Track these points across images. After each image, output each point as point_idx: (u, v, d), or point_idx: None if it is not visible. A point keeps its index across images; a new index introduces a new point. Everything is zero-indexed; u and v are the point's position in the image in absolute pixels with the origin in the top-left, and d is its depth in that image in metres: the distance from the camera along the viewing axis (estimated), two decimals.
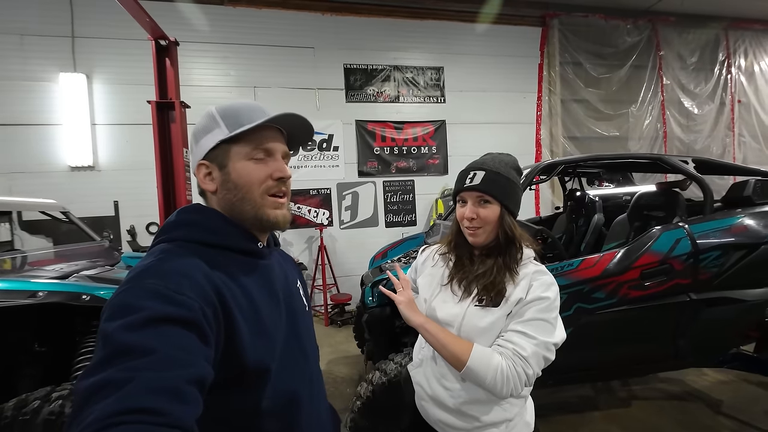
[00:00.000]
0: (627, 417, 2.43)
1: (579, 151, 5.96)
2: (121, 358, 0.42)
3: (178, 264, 0.56)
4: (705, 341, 2.05)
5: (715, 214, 2.09)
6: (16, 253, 2.28)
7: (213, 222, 0.65)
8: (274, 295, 0.68)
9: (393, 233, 5.41)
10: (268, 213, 0.67)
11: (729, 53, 6.78)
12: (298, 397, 0.67)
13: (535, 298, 0.89)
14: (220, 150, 0.66)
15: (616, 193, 3.36)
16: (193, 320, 0.49)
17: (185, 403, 0.42)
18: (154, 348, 0.44)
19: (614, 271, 1.89)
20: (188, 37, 4.39)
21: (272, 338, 0.63)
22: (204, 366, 0.48)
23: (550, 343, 0.87)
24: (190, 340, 0.48)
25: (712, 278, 1.95)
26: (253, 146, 0.65)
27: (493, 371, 0.84)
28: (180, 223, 0.64)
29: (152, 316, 0.47)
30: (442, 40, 5.63)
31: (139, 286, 0.51)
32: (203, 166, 0.67)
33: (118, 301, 0.50)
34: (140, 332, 0.45)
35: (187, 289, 0.52)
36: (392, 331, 2.25)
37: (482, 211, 0.94)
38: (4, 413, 1.39)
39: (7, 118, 4.35)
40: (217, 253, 0.62)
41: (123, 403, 0.38)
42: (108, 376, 0.41)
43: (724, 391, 2.68)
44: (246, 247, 0.67)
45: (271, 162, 0.67)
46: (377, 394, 1.69)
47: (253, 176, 0.65)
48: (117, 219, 4.63)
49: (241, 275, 0.63)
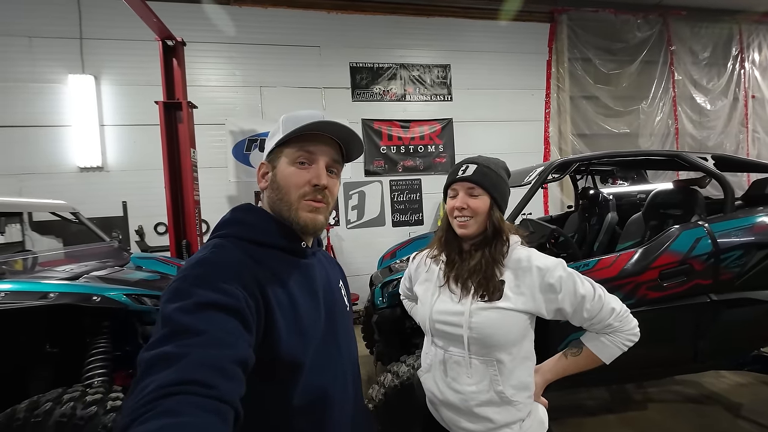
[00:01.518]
0: (643, 420, 2.38)
1: (588, 148, 5.88)
2: (178, 336, 0.48)
3: (226, 258, 0.61)
4: (725, 343, 1.99)
5: (737, 212, 2.03)
6: (28, 254, 2.29)
7: (260, 221, 0.70)
8: (314, 293, 0.70)
9: (400, 233, 5.38)
10: (299, 215, 0.70)
11: (742, 48, 6.62)
12: (330, 396, 0.68)
13: (558, 281, 0.90)
14: (276, 152, 0.71)
15: (630, 191, 3.29)
16: (237, 308, 0.54)
17: (230, 379, 0.47)
18: (204, 329, 0.49)
19: (632, 271, 1.84)
20: (195, 37, 4.40)
21: (308, 335, 0.65)
22: (246, 349, 0.52)
23: (598, 287, 0.93)
24: (234, 325, 0.52)
25: (733, 279, 1.89)
26: (298, 148, 0.70)
27: (618, 345, 0.93)
28: (232, 221, 0.70)
29: (201, 301, 0.52)
30: (449, 38, 5.58)
31: (193, 275, 0.56)
32: (263, 166, 0.74)
33: (174, 286, 0.56)
34: (192, 315, 0.50)
35: (233, 280, 0.57)
36: (403, 332, 2.22)
37: (472, 202, 0.96)
38: (16, 415, 1.38)
39: (17, 119, 4.39)
40: (263, 250, 0.67)
41: (179, 375, 0.43)
42: (167, 350, 0.46)
43: (744, 394, 2.61)
44: (289, 246, 0.71)
45: (313, 168, 0.70)
46: (390, 397, 1.67)
47: (292, 179, 0.69)
48: (125, 219, 4.66)
49: (284, 272, 0.67)
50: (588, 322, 0.92)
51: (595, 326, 0.92)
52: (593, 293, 0.90)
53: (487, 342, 0.91)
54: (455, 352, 0.95)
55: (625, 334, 0.92)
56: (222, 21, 4.81)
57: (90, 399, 1.45)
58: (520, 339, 0.93)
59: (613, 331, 0.92)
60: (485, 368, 0.92)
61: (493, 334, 0.90)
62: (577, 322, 0.93)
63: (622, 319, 0.91)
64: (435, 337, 1.02)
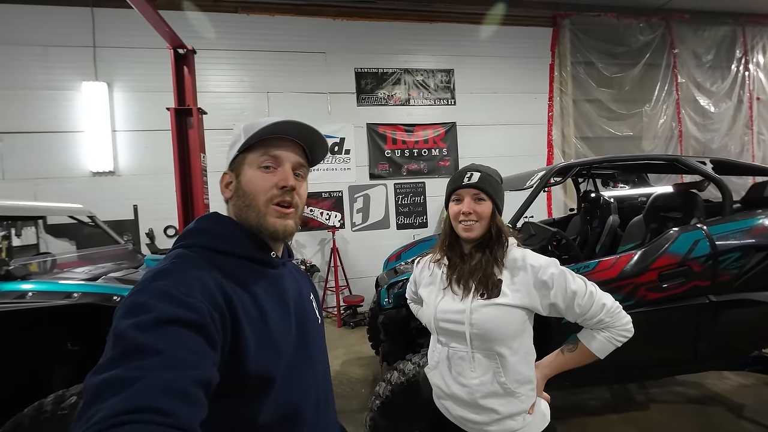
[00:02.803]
0: (645, 420, 2.41)
1: (591, 151, 5.91)
2: (131, 357, 0.43)
3: (189, 268, 0.57)
4: (725, 344, 2.02)
5: (735, 215, 2.07)
6: (47, 256, 2.39)
7: (227, 230, 0.67)
8: (284, 304, 0.68)
9: (404, 235, 5.44)
10: (268, 221, 0.67)
11: (746, 50, 6.63)
12: (301, 412, 0.65)
13: (551, 278, 0.96)
14: (239, 159, 0.69)
15: (631, 194, 3.32)
16: (201, 323, 0.50)
17: (191, 404, 0.43)
18: (163, 348, 0.45)
19: (631, 272, 1.88)
20: (204, 45, 4.51)
21: (279, 348, 0.62)
22: (210, 369, 0.48)
23: (590, 284, 0.98)
24: (198, 342, 0.48)
25: (732, 280, 1.93)
26: (261, 152, 0.67)
27: (611, 340, 0.97)
28: (197, 231, 0.66)
29: (162, 317, 0.48)
30: (452, 43, 5.65)
31: (152, 288, 0.52)
32: (226, 176, 0.71)
33: (131, 300, 0.51)
34: (150, 332, 0.46)
35: (197, 293, 0.53)
36: (408, 333, 2.28)
37: (478, 207, 1.02)
38: (43, 408, 1.46)
39: (32, 125, 4.53)
40: (230, 261, 0.63)
41: (130, 402, 0.39)
42: (117, 374, 0.42)
43: (746, 394, 2.63)
44: (258, 256, 0.68)
45: (279, 171, 0.68)
46: (396, 393, 1.72)
47: (258, 184, 0.66)
48: (136, 222, 4.77)
49: (252, 283, 0.64)
50: (581, 318, 0.98)
51: (588, 322, 0.98)
52: (585, 290, 0.96)
53: (488, 337, 0.97)
54: (459, 348, 1.01)
55: (617, 329, 0.97)
56: (231, 29, 4.93)
57: None
58: (519, 333, 0.99)
59: (606, 327, 0.97)
60: (488, 362, 0.98)
61: (493, 329, 0.96)
62: (571, 317, 0.99)
63: (614, 314, 0.96)
64: (440, 335, 1.08)
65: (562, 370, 1.05)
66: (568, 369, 1.04)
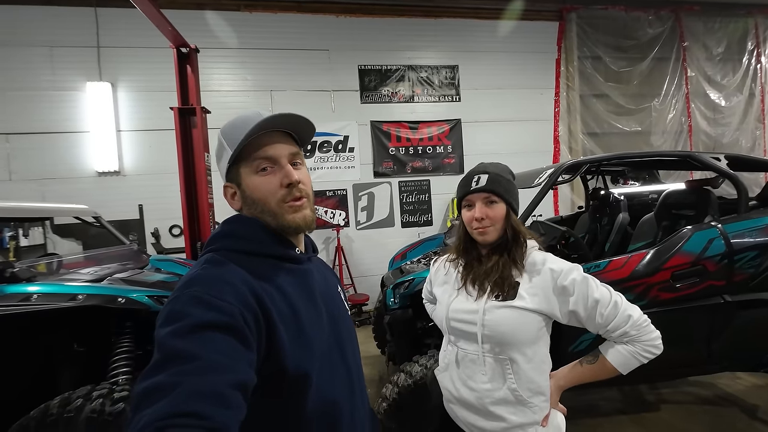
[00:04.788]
0: (656, 421, 2.37)
1: (599, 147, 5.82)
2: (171, 363, 0.46)
3: (219, 272, 0.59)
4: (740, 344, 1.97)
5: (751, 212, 2.01)
6: (53, 258, 2.39)
7: (252, 231, 0.67)
8: (314, 299, 0.69)
9: (409, 233, 5.41)
10: (287, 219, 0.68)
11: (758, 42, 6.47)
12: (339, 404, 0.67)
13: (572, 284, 0.92)
14: (233, 170, 0.68)
15: (641, 191, 3.26)
16: (234, 326, 0.52)
17: (228, 407, 0.45)
18: (199, 354, 0.47)
19: (644, 272, 1.84)
20: (207, 43, 4.49)
21: (312, 343, 0.63)
22: (246, 371, 0.50)
23: (615, 293, 0.92)
24: (233, 345, 0.50)
25: (748, 280, 1.88)
26: (253, 158, 0.66)
27: (636, 356, 0.90)
28: (223, 234, 0.67)
29: (196, 323, 0.50)
30: (457, 38, 5.58)
31: (186, 295, 0.54)
32: (228, 188, 0.71)
33: (168, 309, 0.53)
34: (186, 338, 0.48)
35: (228, 296, 0.54)
36: (414, 333, 2.25)
37: (490, 211, 0.98)
38: (50, 411, 1.46)
39: (38, 126, 4.55)
40: (258, 261, 0.64)
41: (171, 407, 0.41)
42: (159, 380, 0.44)
43: (761, 395, 2.58)
44: (284, 254, 0.69)
45: (278, 170, 0.67)
46: (403, 395, 1.70)
47: (263, 189, 0.66)
48: (141, 222, 4.79)
49: (281, 281, 0.64)
50: (603, 329, 0.91)
51: (611, 333, 0.91)
52: (609, 299, 0.90)
53: (500, 339, 0.93)
54: (470, 349, 0.98)
55: (642, 344, 0.89)
56: (233, 27, 4.90)
57: (117, 396, 1.53)
58: (534, 340, 0.95)
59: (630, 340, 0.90)
60: (499, 366, 0.95)
61: (506, 332, 0.92)
62: (592, 328, 0.93)
63: (640, 328, 0.89)
64: (451, 335, 1.05)
65: (579, 383, 0.99)
66: (586, 382, 0.98)
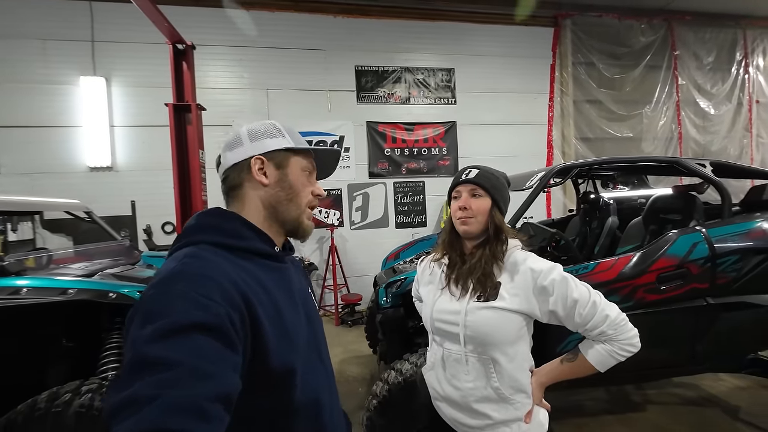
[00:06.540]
0: (642, 421, 2.41)
1: (591, 152, 5.91)
2: (148, 371, 0.42)
3: (204, 268, 0.55)
4: (722, 346, 2.02)
5: (734, 218, 2.07)
6: (44, 252, 2.37)
7: (234, 225, 0.66)
8: (293, 296, 0.69)
9: (403, 234, 5.44)
10: (304, 220, 0.74)
11: (747, 52, 6.64)
12: (320, 398, 0.68)
13: (551, 284, 0.93)
14: (282, 154, 0.71)
15: (630, 195, 3.32)
16: (221, 327, 0.49)
17: (208, 421, 0.42)
18: (179, 360, 0.43)
19: (630, 274, 1.88)
20: (204, 40, 4.47)
21: (295, 340, 0.63)
22: (231, 378, 0.47)
23: (594, 293, 0.94)
24: (218, 349, 0.47)
25: (730, 283, 1.93)
26: (308, 160, 0.75)
27: (613, 354, 0.92)
28: (202, 227, 0.65)
29: (178, 324, 0.46)
30: (453, 42, 5.64)
31: (168, 292, 0.50)
32: (259, 161, 0.69)
33: (147, 307, 0.49)
34: (167, 342, 0.44)
35: (215, 294, 0.51)
36: (406, 332, 2.27)
37: (474, 202, 1.01)
38: (37, 405, 1.45)
39: (30, 120, 4.49)
40: (240, 257, 0.63)
41: (146, 424, 0.38)
42: (134, 392, 0.40)
43: (742, 397, 2.64)
44: (266, 251, 0.68)
45: (314, 181, 0.77)
46: (393, 393, 1.72)
47: (305, 186, 0.74)
48: (134, 218, 4.75)
49: (264, 277, 0.63)
50: (582, 328, 0.93)
51: (590, 333, 0.93)
52: (587, 299, 0.91)
53: (482, 340, 0.95)
54: (454, 349, 1.00)
55: (620, 343, 0.91)
56: (230, 25, 4.89)
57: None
58: (515, 339, 0.97)
59: (608, 339, 0.91)
60: (482, 366, 0.97)
61: (488, 333, 0.94)
62: (571, 326, 0.94)
63: (618, 327, 0.90)
64: (435, 335, 1.07)
65: (560, 380, 1.01)
66: (566, 379, 1.01)
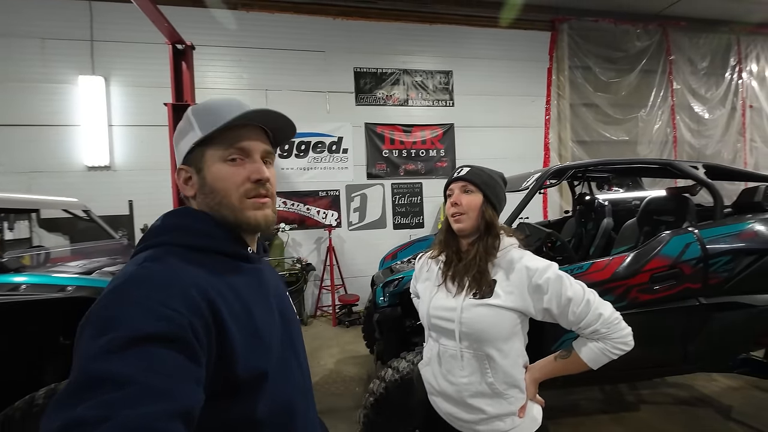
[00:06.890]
0: (635, 420, 2.44)
1: (587, 155, 5.96)
2: (97, 390, 0.37)
3: (164, 272, 0.51)
4: (714, 346, 2.05)
5: (725, 219, 2.10)
6: (41, 250, 2.37)
7: (203, 225, 0.61)
8: (266, 298, 0.65)
9: (401, 235, 5.45)
10: (248, 216, 0.63)
11: (740, 58, 6.74)
12: (294, 404, 0.63)
13: (546, 282, 0.94)
14: (196, 153, 0.62)
15: (625, 197, 3.37)
16: (182, 337, 0.44)
17: None
18: (134, 377, 0.39)
19: (624, 274, 1.91)
20: (203, 41, 4.49)
21: (267, 342, 0.59)
22: (192, 393, 0.43)
23: (588, 291, 0.95)
24: (177, 362, 0.43)
25: (722, 283, 1.96)
26: (227, 146, 0.61)
27: (606, 352, 0.93)
28: (167, 228, 0.60)
29: (135, 334, 0.41)
30: (451, 44, 5.68)
31: (124, 299, 0.46)
32: (183, 171, 0.64)
33: (98, 315, 0.44)
34: (120, 356, 0.40)
35: (176, 301, 0.47)
36: (403, 331, 2.29)
37: (465, 198, 1.03)
38: (35, 401, 1.46)
39: (28, 118, 4.49)
40: (208, 258, 0.58)
41: None
42: (82, 414, 0.35)
43: (735, 397, 2.67)
44: (236, 251, 0.63)
45: (249, 163, 0.62)
46: (390, 390, 1.73)
47: (228, 180, 0.61)
48: (131, 218, 4.75)
49: (233, 279, 0.59)
50: (575, 326, 0.94)
51: (583, 330, 0.94)
52: (581, 297, 0.92)
53: (477, 337, 0.97)
54: (449, 345, 1.02)
55: (613, 341, 0.92)
56: (230, 26, 4.92)
57: None
58: (510, 336, 0.98)
59: (601, 338, 0.92)
60: (476, 362, 0.99)
61: (483, 330, 0.96)
62: (565, 324, 0.95)
63: (611, 325, 0.91)
64: (431, 331, 1.09)
65: (553, 376, 1.03)
66: (559, 375, 1.03)
